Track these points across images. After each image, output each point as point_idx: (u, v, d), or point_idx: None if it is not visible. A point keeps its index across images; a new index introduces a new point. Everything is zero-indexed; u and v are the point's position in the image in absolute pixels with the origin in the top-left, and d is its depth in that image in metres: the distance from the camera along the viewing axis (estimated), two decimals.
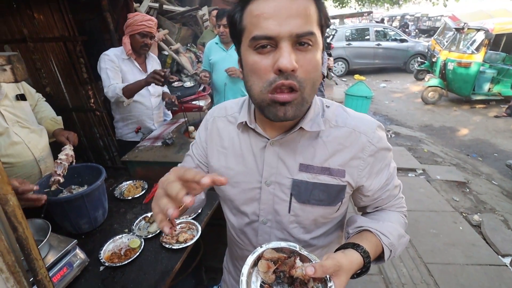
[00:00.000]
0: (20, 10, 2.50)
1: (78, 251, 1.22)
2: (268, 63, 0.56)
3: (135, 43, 2.06)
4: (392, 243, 0.67)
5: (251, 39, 0.57)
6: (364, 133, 0.69)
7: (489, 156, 4.65)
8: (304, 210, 0.71)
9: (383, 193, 0.75)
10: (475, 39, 6.68)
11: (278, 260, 0.59)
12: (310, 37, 0.55)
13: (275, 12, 0.53)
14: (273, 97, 0.57)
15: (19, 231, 0.53)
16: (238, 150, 0.74)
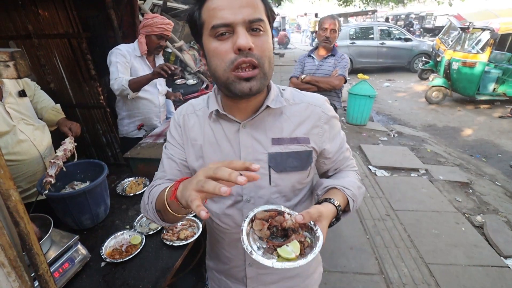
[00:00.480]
0: (25, 6, 2.51)
1: (79, 246, 1.23)
2: (228, 46, 0.65)
3: (150, 43, 2.09)
4: (354, 194, 0.79)
5: (211, 29, 0.65)
6: (318, 105, 0.82)
7: (493, 157, 4.61)
8: (283, 179, 0.80)
9: (339, 155, 0.88)
10: (481, 38, 6.62)
11: (269, 218, 0.67)
12: (260, 23, 0.65)
13: (229, 4, 0.63)
14: (237, 75, 0.66)
15: (20, 226, 0.53)
16: (213, 140, 0.80)
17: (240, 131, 0.78)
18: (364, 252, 2.51)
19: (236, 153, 0.78)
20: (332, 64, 2.61)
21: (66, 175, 1.54)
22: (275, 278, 0.92)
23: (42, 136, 1.58)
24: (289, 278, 0.93)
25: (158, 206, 0.74)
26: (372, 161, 4.06)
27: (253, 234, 0.65)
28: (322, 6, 20.41)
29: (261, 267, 0.87)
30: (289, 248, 0.61)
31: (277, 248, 0.62)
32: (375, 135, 5.16)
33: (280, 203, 0.82)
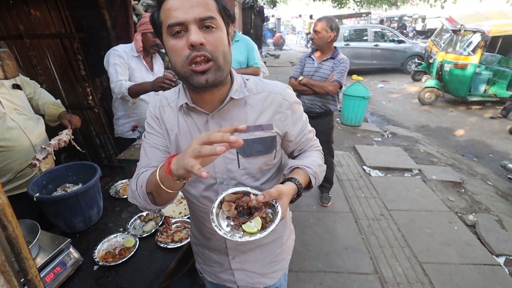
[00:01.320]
0: (16, 6, 2.47)
1: (71, 250, 1.21)
2: (183, 43, 0.70)
3: (146, 41, 2.08)
4: (315, 171, 0.89)
5: (167, 28, 0.71)
6: (278, 93, 0.88)
7: (484, 157, 4.68)
8: (250, 162, 0.87)
9: (302, 137, 0.95)
10: (472, 41, 6.72)
11: (236, 199, 0.77)
12: (212, 20, 0.70)
13: (181, 4, 0.69)
14: (193, 69, 0.71)
15: (8, 230, 0.52)
16: (186, 130, 0.86)
17: (209, 122, 0.84)
18: (359, 252, 2.52)
19: None
20: (330, 68, 2.59)
21: (58, 177, 1.52)
22: (252, 246, 1.00)
23: (34, 126, 1.60)
24: (264, 245, 1.02)
25: (149, 189, 0.78)
26: (367, 162, 4.08)
27: (222, 214, 0.74)
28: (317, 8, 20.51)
29: None
30: (252, 224, 0.70)
31: (242, 225, 0.71)
32: (369, 135, 5.19)
33: (250, 182, 0.90)
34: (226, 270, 1.03)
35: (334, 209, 3.11)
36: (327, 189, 3.19)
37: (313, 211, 3.08)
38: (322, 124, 2.72)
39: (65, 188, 1.50)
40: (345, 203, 3.22)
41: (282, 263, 1.09)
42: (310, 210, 3.09)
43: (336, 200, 3.25)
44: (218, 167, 0.87)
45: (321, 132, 2.78)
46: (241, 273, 1.03)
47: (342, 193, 3.40)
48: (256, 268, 1.03)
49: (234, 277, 1.03)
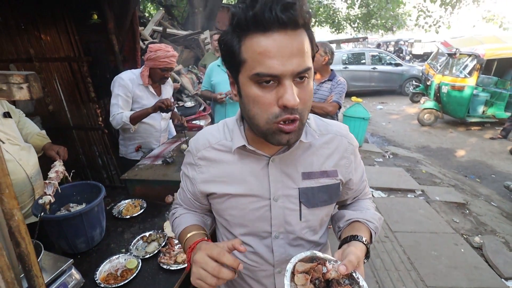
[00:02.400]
0: (28, 30, 2.58)
1: (73, 271, 1.19)
2: (272, 98, 0.60)
3: (155, 75, 2.09)
4: (376, 226, 0.80)
5: (254, 75, 0.58)
6: (343, 136, 0.80)
7: (486, 178, 4.66)
8: (314, 214, 0.78)
9: (361, 183, 0.87)
10: (467, 63, 6.90)
11: (310, 269, 0.64)
12: (308, 71, 0.60)
13: (279, 52, 0.56)
14: (280, 127, 0.62)
15: (21, 247, 0.53)
16: (238, 175, 0.76)
17: (270, 165, 0.74)
18: (364, 275, 2.46)
19: (264, 188, 0.75)
20: (328, 90, 2.65)
21: (62, 197, 1.52)
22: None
23: (28, 157, 1.55)
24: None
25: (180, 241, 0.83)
26: (369, 182, 4.05)
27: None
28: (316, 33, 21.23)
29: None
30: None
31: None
32: (370, 156, 5.21)
33: (308, 237, 0.80)
34: None
35: None
36: None
37: None
38: None
39: (69, 207, 1.50)
40: None
41: None
42: None
43: None
44: (275, 219, 0.76)
45: None
46: None
47: None
48: None
49: None
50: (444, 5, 9.13)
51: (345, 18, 14.93)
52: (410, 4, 12.94)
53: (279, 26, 0.55)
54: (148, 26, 4.82)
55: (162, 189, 1.81)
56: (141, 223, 1.67)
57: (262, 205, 0.75)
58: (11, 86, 0.44)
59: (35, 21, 2.55)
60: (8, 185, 0.48)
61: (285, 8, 0.54)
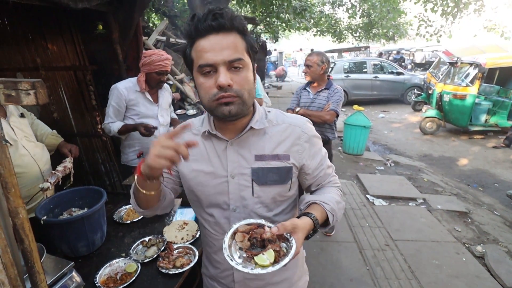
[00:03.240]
0: (35, 40, 2.66)
1: (74, 274, 1.21)
2: (211, 83, 0.76)
3: (151, 80, 2.16)
4: (333, 208, 0.87)
5: (198, 67, 0.77)
6: (298, 125, 0.92)
7: (489, 186, 4.63)
8: (264, 191, 0.89)
9: (320, 171, 0.96)
10: (469, 72, 6.93)
11: (250, 230, 0.76)
12: (240, 62, 0.76)
13: (212, 47, 0.74)
14: (219, 102, 0.77)
15: (25, 243, 0.55)
16: (205, 155, 0.90)
17: (227, 148, 0.88)
18: (364, 284, 2.45)
19: (224, 166, 0.89)
20: (325, 98, 2.69)
21: (64, 201, 1.56)
22: (261, 284, 0.97)
23: (41, 153, 1.67)
24: (274, 284, 0.99)
25: (133, 191, 0.90)
26: (370, 190, 4.06)
27: (235, 245, 0.74)
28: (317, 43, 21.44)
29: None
30: (265, 257, 0.69)
31: (254, 257, 0.70)
32: (371, 164, 5.21)
33: (262, 212, 0.91)
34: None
35: (338, 238, 3.06)
36: None
37: (316, 240, 3.03)
38: None
39: (71, 212, 1.53)
40: (349, 232, 3.17)
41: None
42: (313, 239, 3.04)
43: (340, 229, 3.20)
44: (232, 194, 0.89)
45: None
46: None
47: (346, 222, 3.35)
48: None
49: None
50: (445, 14, 9.20)
51: (347, 27, 15.10)
52: (411, 13, 13.07)
53: (212, 31, 0.74)
54: (152, 36, 4.93)
55: None
56: (141, 228, 1.69)
57: (222, 181, 0.89)
58: (19, 92, 0.48)
59: (42, 32, 2.63)
60: (14, 184, 0.51)
61: (214, 17, 0.73)
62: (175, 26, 7.52)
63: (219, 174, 0.89)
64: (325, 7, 14.66)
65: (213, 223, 0.94)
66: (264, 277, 0.95)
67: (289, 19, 9.60)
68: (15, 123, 1.57)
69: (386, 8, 12.59)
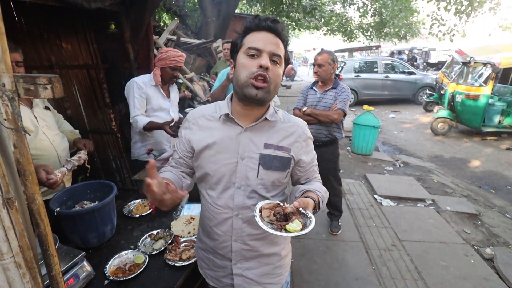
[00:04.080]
0: (50, 40, 2.75)
1: (85, 263, 1.26)
2: (254, 63, 0.91)
3: (165, 74, 2.26)
4: (323, 196, 1.04)
5: (247, 48, 0.92)
6: (300, 126, 1.08)
7: (502, 189, 4.54)
8: (267, 174, 1.02)
9: (310, 167, 1.13)
10: (482, 72, 6.78)
11: (273, 207, 0.90)
12: (279, 58, 0.94)
13: (263, 40, 0.92)
14: (253, 82, 0.91)
15: (40, 228, 0.60)
16: (219, 136, 1.01)
17: (242, 133, 1.00)
18: (370, 284, 2.44)
19: (235, 149, 1.00)
20: (332, 97, 2.67)
21: (76, 194, 1.62)
22: (255, 255, 1.09)
23: (60, 141, 1.79)
24: (266, 255, 1.11)
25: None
26: (378, 191, 4.04)
27: (263, 220, 0.85)
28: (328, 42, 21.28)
29: (245, 243, 1.07)
30: (294, 225, 0.82)
31: (286, 226, 0.82)
32: (380, 164, 5.16)
33: (262, 192, 1.04)
34: (227, 275, 1.12)
35: (344, 238, 3.06)
36: (336, 217, 3.16)
37: (322, 239, 3.03)
38: (328, 152, 2.77)
39: (83, 205, 1.59)
40: (356, 232, 3.16)
41: (279, 278, 1.18)
42: (319, 238, 3.05)
43: (346, 229, 3.20)
44: (239, 173, 1.01)
45: (328, 160, 2.81)
46: (240, 278, 1.11)
47: (352, 221, 3.34)
48: (254, 276, 1.12)
49: (233, 282, 1.12)
50: (459, 13, 9.01)
51: (358, 26, 14.94)
52: (424, 12, 12.85)
53: (267, 29, 0.93)
54: (162, 35, 5.00)
55: None
56: (150, 222, 1.74)
57: (232, 161, 1.01)
58: (37, 86, 0.52)
59: (57, 31, 2.72)
60: (31, 172, 0.55)
61: (273, 22, 0.93)
62: (185, 25, 7.60)
63: (231, 155, 1.00)
64: (335, 6, 14.55)
65: (217, 199, 1.05)
66: (258, 248, 1.09)
67: (299, 18, 9.58)
68: (38, 113, 1.71)
69: (398, 7, 12.40)
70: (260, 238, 1.07)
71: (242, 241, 1.06)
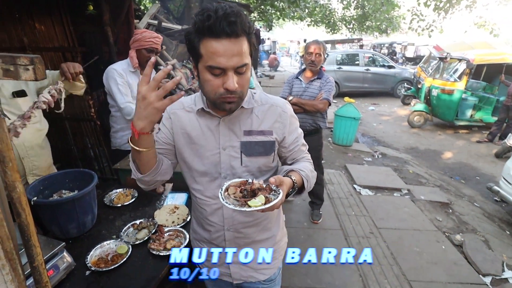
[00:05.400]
0: (22, 20, 2.57)
1: (65, 254, 1.23)
2: (219, 82, 0.85)
3: (141, 57, 2.16)
4: (307, 175, 1.01)
5: (208, 66, 0.83)
6: (279, 106, 1.05)
7: (471, 179, 4.81)
8: (251, 161, 1.01)
9: (295, 146, 1.09)
10: (457, 68, 7.06)
11: (240, 184, 0.87)
12: (245, 66, 0.85)
13: (225, 53, 0.80)
14: (223, 100, 0.87)
15: (22, 217, 0.57)
16: (199, 129, 1.01)
17: (220, 124, 0.99)
18: (348, 270, 2.54)
19: (216, 140, 1.00)
20: (317, 87, 2.71)
21: (54, 183, 1.55)
22: (249, 241, 1.10)
23: (26, 138, 1.55)
24: (260, 241, 1.12)
25: (132, 157, 0.98)
26: (357, 181, 4.16)
27: (229, 198, 0.83)
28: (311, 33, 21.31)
29: (238, 231, 1.07)
30: (257, 200, 0.80)
31: (247, 202, 0.80)
32: (360, 155, 5.31)
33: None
34: (222, 264, 1.12)
35: (325, 226, 3.15)
36: (318, 206, 3.24)
37: (304, 227, 3.11)
38: (312, 141, 2.80)
39: (61, 194, 1.53)
40: (336, 220, 3.26)
41: (275, 262, 1.19)
42: (301, 226, 3.12)
43: (327, 217, 3.29)
44: (223, 163, 1.01)
45: (312, 149, 2.83)
46: (236, 266, 1.12)
47: (333, 210, 3.44)
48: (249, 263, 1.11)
49: (230, 270, 1.13)
50: (438, 9, 9.26)
51: (341, 19, 15.03)
52: (405, 7, 13.11)
53: (225, 35, 0.79)
54: (143, 19, 4.81)
55: None
56: (132, 211, 1.71)
57: (215, 153, 1.01)
58: (18, 67, 0.48)
59: (29, 10, 2.54)
60: (11, 158, 0.52)
61: (229, 24, 0.78)
62: (167, 10, 7.33)
63: (212, 146, 1.00)
64: None
65: (204, 191, 1.05)
66: (251, 235, 1.10)
67: (283, 7, 9.49)
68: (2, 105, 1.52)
69: (380, 1, 12.57)
70: (253, 225, 1.08)
71: (234, 229, 1.07)
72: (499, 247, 2.97)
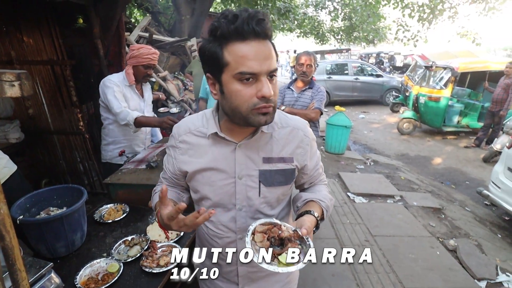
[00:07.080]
0: (9, 33, 2.53)
1: (53, 275, 1.17)
2: (252, 91, 0.75)
3: (138, 73, 2.13)
4: (327, 205, 0.95)
5: (238, 73, 0.73)
6: (300, 129, 0.95)
7: (461, 184, 4.88)
8: (270, 191, 0.92)
9: (315, 171, 1.02)
10: (443, 76, 7.25)
11: (267, 230, 0.79)
12: (276, 71, 0.77)
13: (256, 56, 0.72)
14: (259, 111, 0.77)
15: (6, 240, 0.54)
16: (211, 156, 0.90)
17: (236, 150, 0.88)
18: (345, 279, 2.51)
19: (231, 168, 0.89)
20: (309, 97, 2.74)
21: (42, 200, 1.50)
22: (262, 275, 1.03)
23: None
24: (274, 274, 1.03)
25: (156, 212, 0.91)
26: (351, 188, 4.17)
27: (255, 245, 0.75)
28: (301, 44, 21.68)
29: (251, 266, 0.98)
30: (288, 256, 0.73)
31: (278, 256, 0.73)
32: (352, 163, 5.34)
33: (267, 211, 0.95)
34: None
35: (320, 235, 3.12)
36: None
37: None
38: None
39: (49, 211, 1.47)
40: (331, 229, 3.24)
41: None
42: None
43: (322, 227, 3.22)
44: (239, 194, 0.91)
45: None
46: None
47: (328, 219, 3.42)
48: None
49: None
50: (422, 20, 9.58)
51: (329, 30, 15.39)
52: (390, 18, 13.50)
53: (254, 36, 0.71)
54: (134, 31, 4.82)
55: (145, 193, 1.80)
56: (124, 227, 1.66)
57: (229, 182, 0.90)
58: (3, 83, 0.46)
59: (17, 24, 2.51)
60: None
61: (258, 23, 0.70)
62: (158, 22, 7.37)
63: (227, 175, 0.90)
64: (308, 9, 14.87)
65: (217, 223, 0.96)
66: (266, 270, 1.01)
67: (273, 19, 9.66)
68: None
69: (366, 12, 12.92)
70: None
71: (249, 265, 0.91)
72: (492, 250, 2.99)
